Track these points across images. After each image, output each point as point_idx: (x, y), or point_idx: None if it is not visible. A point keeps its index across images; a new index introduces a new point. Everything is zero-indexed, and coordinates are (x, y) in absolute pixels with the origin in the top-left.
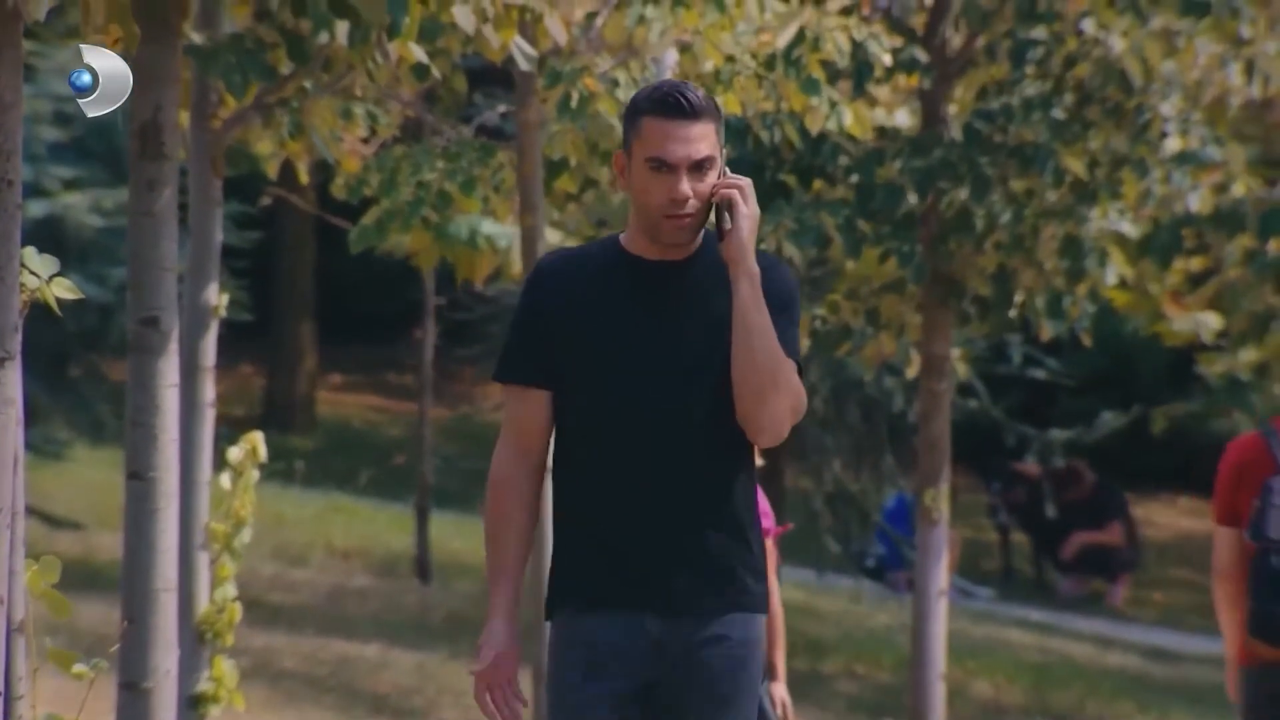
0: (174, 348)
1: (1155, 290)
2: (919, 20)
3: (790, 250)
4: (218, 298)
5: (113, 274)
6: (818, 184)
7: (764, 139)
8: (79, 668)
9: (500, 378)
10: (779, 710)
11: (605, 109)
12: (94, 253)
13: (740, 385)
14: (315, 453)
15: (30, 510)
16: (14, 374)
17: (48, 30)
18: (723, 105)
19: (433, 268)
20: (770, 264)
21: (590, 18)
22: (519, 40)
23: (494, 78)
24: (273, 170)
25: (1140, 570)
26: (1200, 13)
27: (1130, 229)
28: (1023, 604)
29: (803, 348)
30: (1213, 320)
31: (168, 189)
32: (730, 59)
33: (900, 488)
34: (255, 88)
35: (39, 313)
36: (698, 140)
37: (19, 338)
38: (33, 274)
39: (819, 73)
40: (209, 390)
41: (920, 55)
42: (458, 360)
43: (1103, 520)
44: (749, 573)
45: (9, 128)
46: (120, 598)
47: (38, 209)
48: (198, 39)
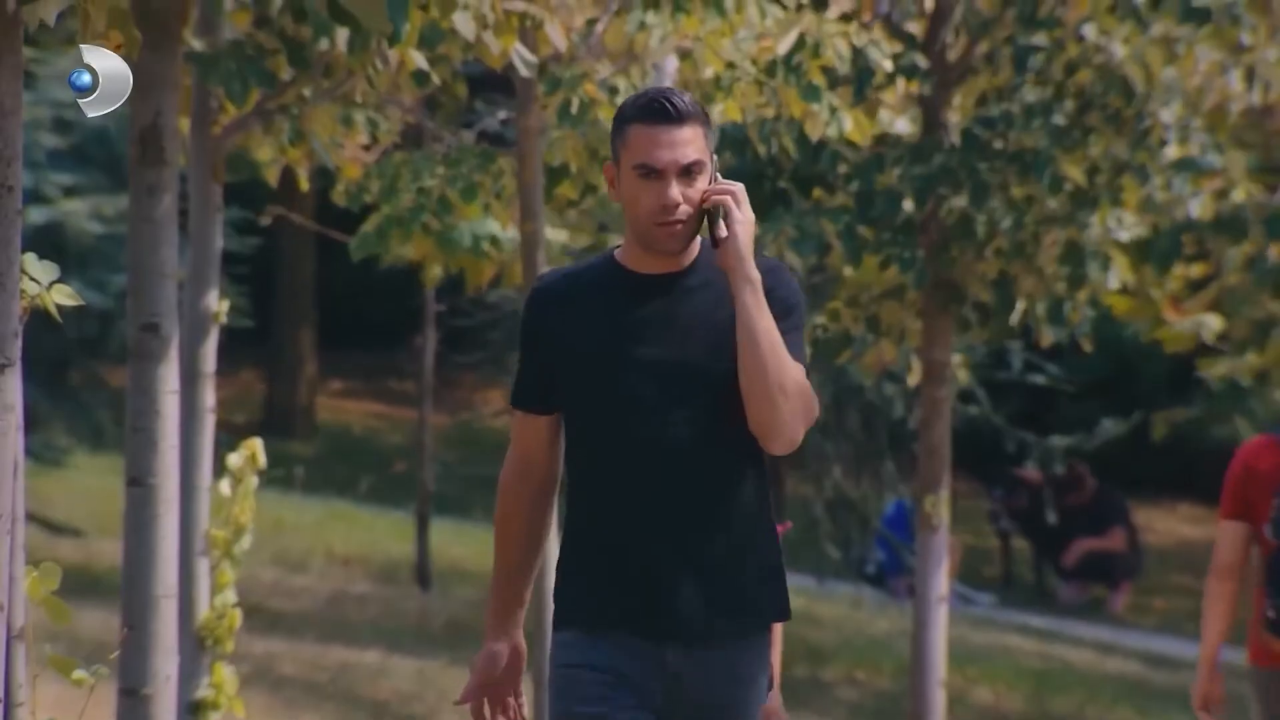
0: (174, 354)
1: (1156, 296)
2: (919, 26)
3: (791, 258)
4: (218, 304)
5: (113, 281)
6: (817, 192)
7: (761, 151)
8: (79, 674)
9: (511, 403)
10: None
11: (605, 116)
12: (94, 259)
13: (750, 393)
14: (315, 459)
15: (30, 517)
16: (14, 380)
17: (48, 37)
18: (723, 112)
19: (438, 278)
20: (771, 267)
21: (591, 24)
22: (519, 47)
23: (494, 84)
24: (273, 177)
25: (1141, 577)
26: (1201, 20)
27: (1129, 234)
28: (1023, 610)
29: (804, 356)
30: (1214, 321)
31: (168, 195)
32: (731, 65)
33: (900, 494)
34: (255, 94)
35: (39, 319)
36: (685, 145)
37: (19, 344)
38: (33, 280)
39: (819, 79)
40: (209, 396)
41: (920, 61)
42: (458, 367)
43: (1104, 526)
44: (769, 589)
45: (9, 134)
46: (120, 604)
47: (38, 216)
48: (198, 45)
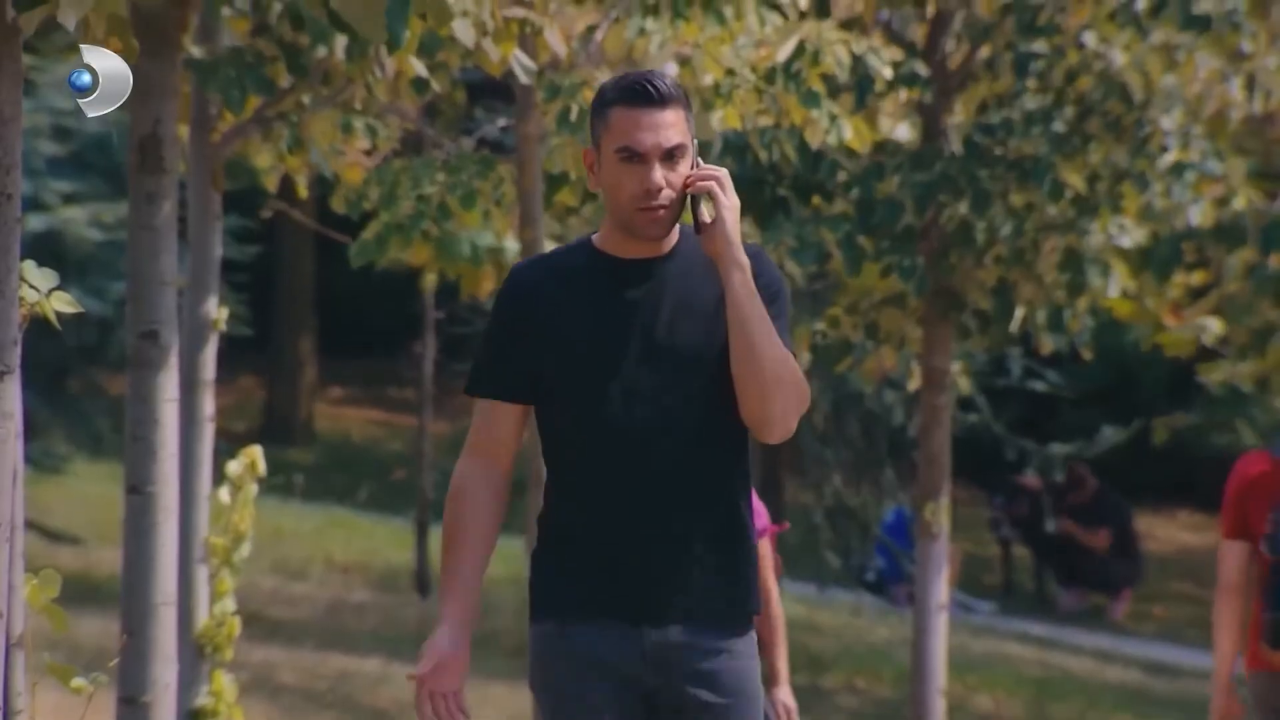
0: (173, 362)
1: (1155, 304)
2: (920, 34)
3: (791, 266)
4: (217, 312)
5: (112, 288)
6: (817, 199)
7: (762, 157)
8: (78, 682)
9: (472, 391)
10: (783, 717)
11: None
12: (93, 267)
13: (743, 381)
14: (315, 466)
15: (29, 524)
16: (13, 388)
17: (47, 44)
18: (722, 119)
19: (435, 279)
20: (754, 253)
21: (590, 31)
22: (518, 54)
23: (494, 91)
24: (272, 184)
25: (1141, 584)
26: (1201, 27)
27: (1129, 242)
28: (1023, 618)
29: (803, 362)
30: (1215, 324)
31: (167, 202)
32: (730, 72)
33: (900, 501)
34: (254, 101)
35: (38, 327)
36: (668, 127)
37: (18, 351)
38: (32, 288)
39: (819, 86)
40: (208, 404)
41: (921, 69)
42: (457, 374)
43: (1094, 524)
44: (745, 576)
45: (8, 141)
46: (119, 611)
47: (37, 223)
48: (197, 53)
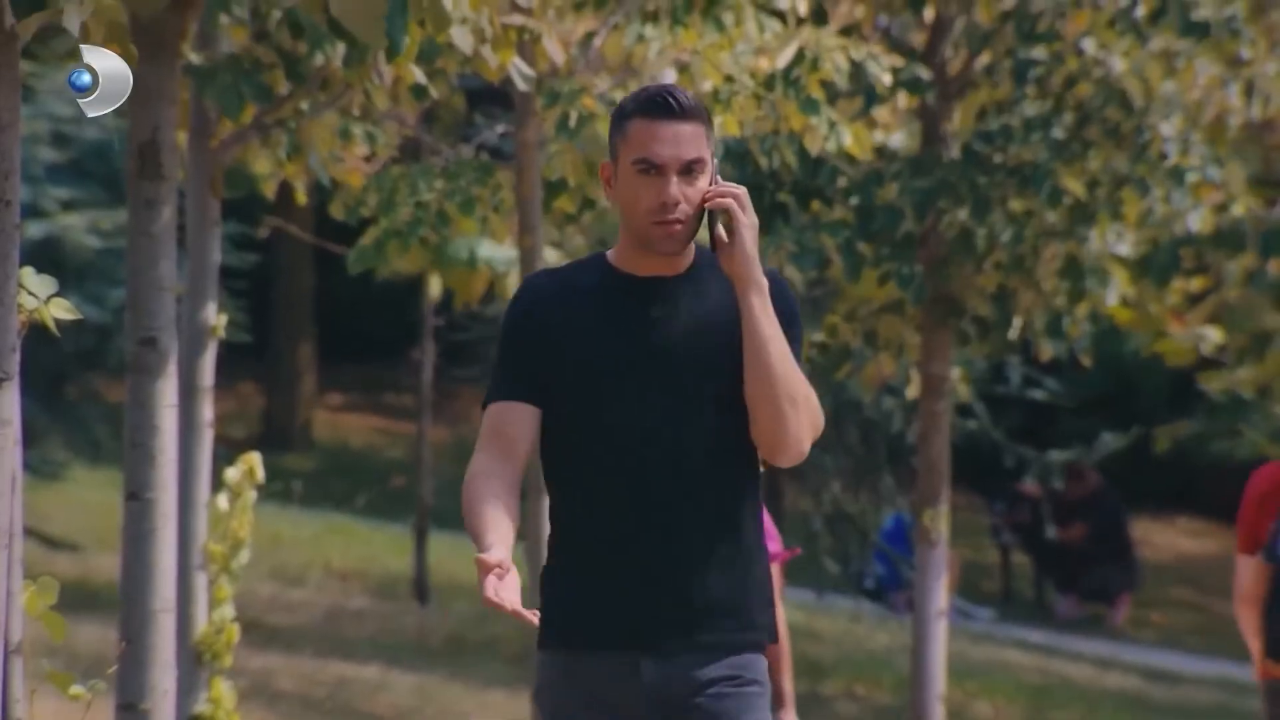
0: (172, 368)
1: (1155, 310)
2: (919, 40)
3: (790, 272)
4: (216, 318)
5: (111, 295)
6: (816, 205)
7: (762, 164)
8: (76, 689)
9: (493, 399)
10: None
11: (604, 129)
12: (92, 274)
13: (757, 403)
14: (314, 473)
15: (28, 531)
16: (12, 394)
17: (46, 51)
18: (722, 125)
19: (438, 286)
20: (770, 277)
21: (589, 37)
22: (517, 61)
23: (493, 98)
24: (270, 191)
25: (1139, 591)
26: (1200, 34)
27: (1129, 250)
28: (1022, 625)
29: (803, 369)
30: (1214, 333)
31: (166, 209)
32: (729, 79)
33: (899, 508)
34: (252, 108)
35: (37, 333)
36: (686, 141)
37: (17, 358)
38: (31, 294)
39: (818, 93)
40: (207, 411)
41: (923, 73)
42: (456, 380)
43: (1088, 521)
44: (756, 604)
45: (7, 148)
46: (118, 618)
47: (36, 230)
48: (196, 59)
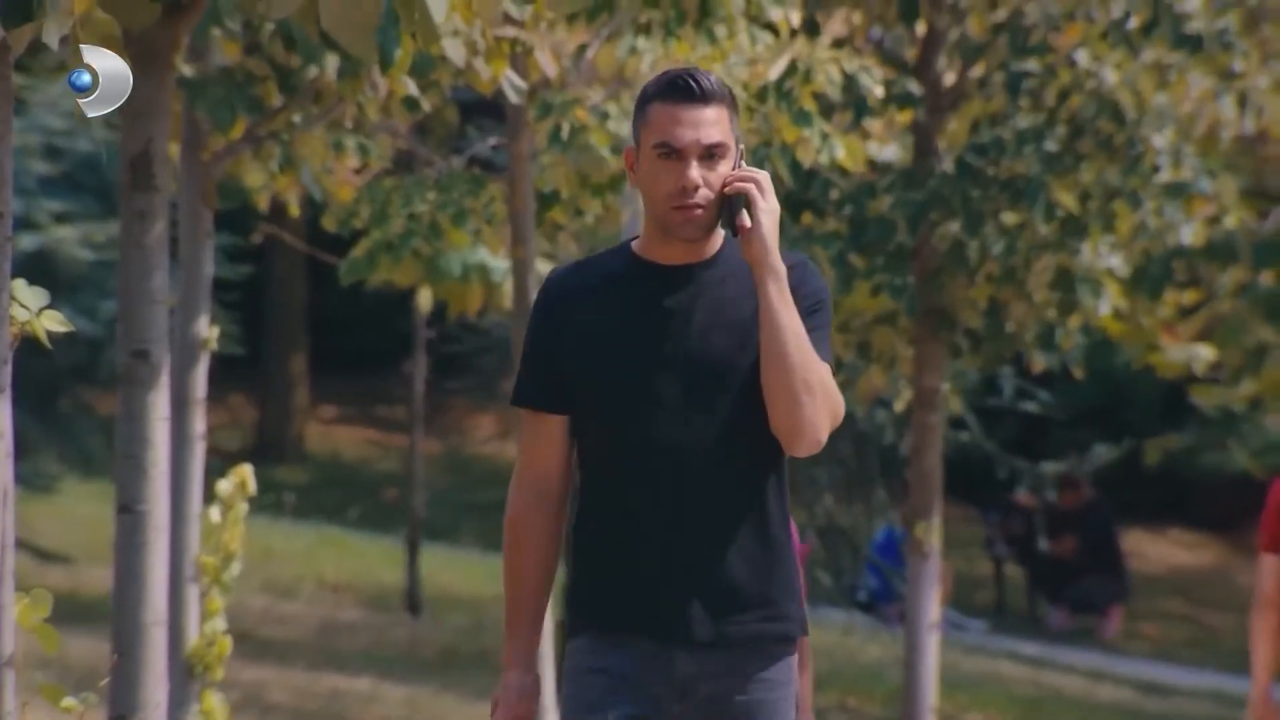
0: (164, 380)
1: (1148, 323)
2: (912, 53)
3: None
4: (208, 330)
5: (103, 307)
6: (809, 217)
7: None
8: (68, 701)
9: (517, 401)
10: None
11: (596, 141)
12: (84, 286)
13: (772, 391)
14: (306, 485)
15: (20, 544)
16: (4, 407)
17: (38, 64)
18: None
19: (430, 299)
20: (797, 262)
21: (581, 50)
22: (509, 73)
23: (485, 109)
24: (263, 202)
25: (1130, 603)
26: (1193, 46)
27: (1120, 264)
28: (1015, 637)
29: None
30: (1205, 352)
31: (159, 221)
32: None
33: (891, 520)
34: (244, 121)
35: (29, 346)
36: (708, 125)
37: (9, 370)
38: (23, 307)
39: (810, 105)
40: (199, 423)
41: (914, 87)
42: (449, 393)
43: (1078, 532)
44: (784, 596)
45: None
46: (110, 631)
47: (28, 242)
48: (188, 72)
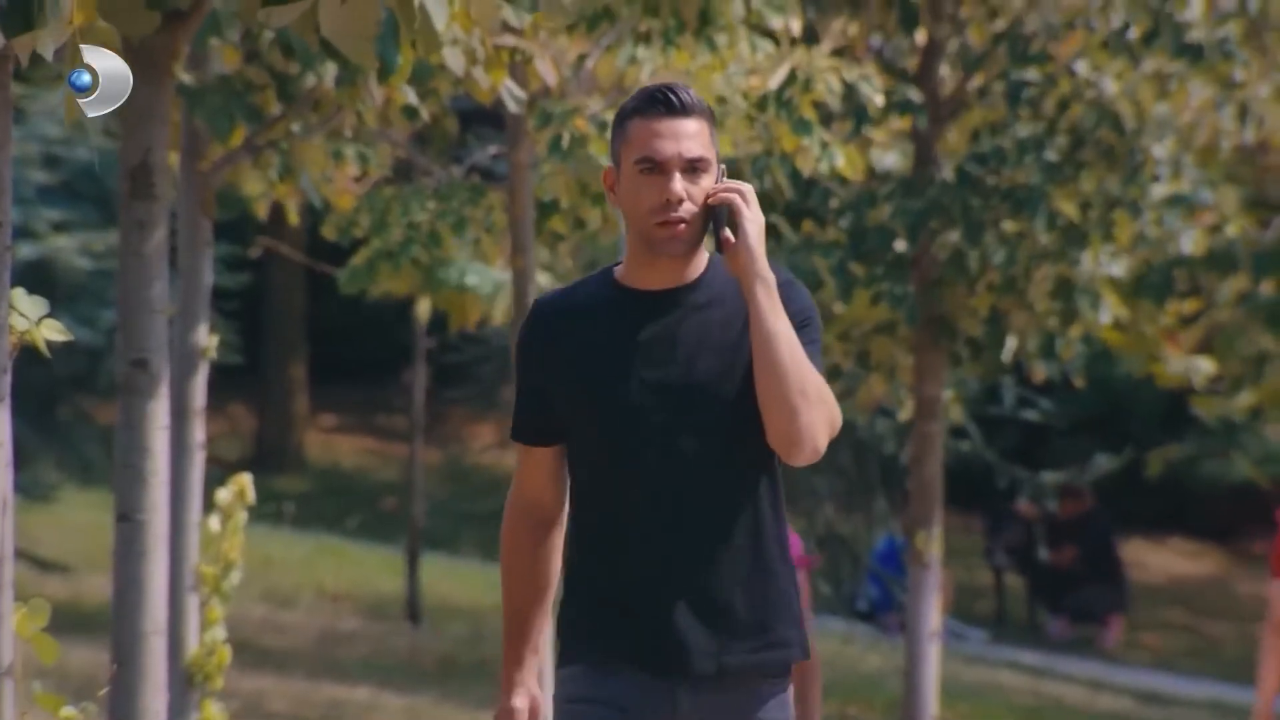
0: (164, 390)
1: (1149, 331)
2: (912, 62)
3: None
4: (208, 339)
5: (102, 316)
6: (809, 226)
7: (754, 185)
8: (67, 711)
9: (512, 436)
10: None
11: (596, 150)
12: (83, 295)
13: (768, 401)
14: (305, 495)
15: (18, 553)
16: (3, 416)
17: (37, 73)
18: None
19: (428, 308)
20: (784, 280)
21: (581, 59)
22: (509, 82)
23: (485, 118)
24: (262, 211)
25: (1132, 612)
26: (1193, 56)
27: (1120, 271)
28: (1015, 646)
29: None
30: (1206, 364)
31: (158, 230)
32: (721, 100)
33: (892, 530)
34: (243, 129)
35: (28, 355)
36: (689, 138)
37: (8, 380)
38: (22, 316)
39: (810, 114)
40: (199, 432)
41: (914, 95)
42: (449, 402)
43: (1078, 542)
44: (783, 621)
45: None
46: (109, 640)
47: (27, 251)
48: (187, 80)
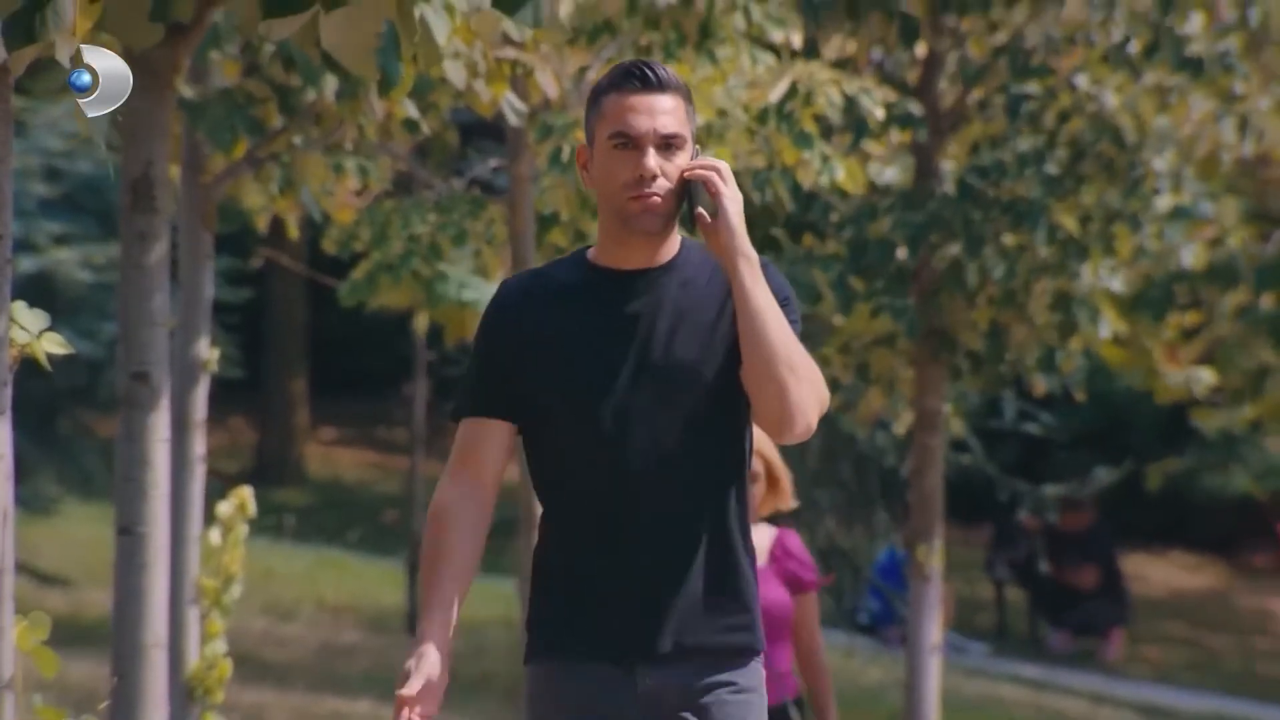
0: (164, 403)
1: (1150, 345)
2: (912, 75)
3: None
4: (208, 352)
5: (103, 329)
6: (809, 239)
7: (755, 198)
8: None
9: (457, 415)
10: None
11: None
12: (84, 308)
13: (757, 377)
14: (306, 508)
15: (19, 566)
16: (4, 429)
17: (38, 86)
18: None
19: (426, 320)
20: (761, 264)
21: (582, 71)
22: (510, 95)
23: (486, 131)
24: (263, 224)
25: (1133, 626)
26: (1194, 69)
27: (1120, 285)
28: (1017, 659)
29: None
30: (1206, 375)
31: (159, 243)
32: (722, 113)
33: (893, 543)
34: (244, 142)
35: (29, 368)
36: (664, 114)
37: (9, 392)
38: (23, 329)
39: (811, 127)
40: (199, 445)
41: (915, 108)
42: (449, 415)
43: (1082, 557)
44: (744, 608)
45: None
46: (109, 653)
47: (28, 264)
48: (189, 93)
